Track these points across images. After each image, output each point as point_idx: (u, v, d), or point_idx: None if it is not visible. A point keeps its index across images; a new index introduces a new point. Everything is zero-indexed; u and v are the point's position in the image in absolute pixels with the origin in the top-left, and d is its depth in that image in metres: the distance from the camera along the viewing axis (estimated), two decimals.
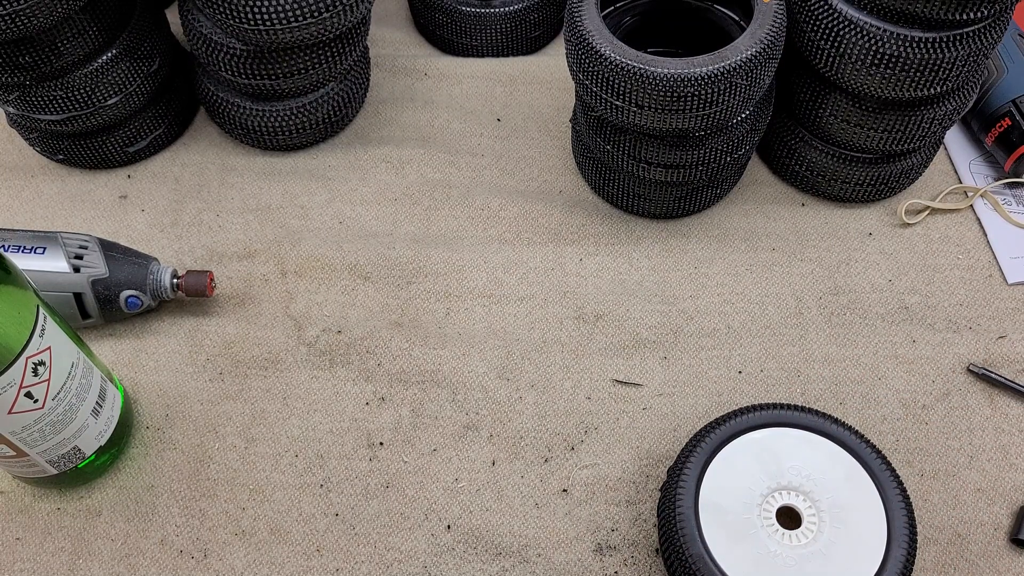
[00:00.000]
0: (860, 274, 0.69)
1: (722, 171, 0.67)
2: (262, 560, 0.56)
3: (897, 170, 0.70)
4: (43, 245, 0.61)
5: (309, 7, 0.63)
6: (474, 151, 0.77)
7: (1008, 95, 0.72)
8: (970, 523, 0.58)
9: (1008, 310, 0.67)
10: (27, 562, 0.56)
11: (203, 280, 0.64)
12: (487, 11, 0.81)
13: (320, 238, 0.71)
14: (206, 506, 0.58)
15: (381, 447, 0.61)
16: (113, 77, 0.69)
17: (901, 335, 0.65)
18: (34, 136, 0.74)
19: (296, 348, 0.65)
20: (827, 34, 0.61)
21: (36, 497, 0.59)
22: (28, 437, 0.51)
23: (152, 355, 0.65)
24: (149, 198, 0.74)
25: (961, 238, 0.71)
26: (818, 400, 0.62)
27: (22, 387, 0.48)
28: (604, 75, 0.59)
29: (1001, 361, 0.64)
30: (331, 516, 0.58)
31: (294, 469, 0.60)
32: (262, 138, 0.75)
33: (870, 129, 0.66)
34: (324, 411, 0.62)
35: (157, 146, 0.77)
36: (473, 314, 0.67)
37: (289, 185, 0.75)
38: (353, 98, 0.77)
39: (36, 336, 0.48)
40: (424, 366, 0.64)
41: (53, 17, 0.61)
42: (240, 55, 0.68)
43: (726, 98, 0.59)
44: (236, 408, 0.63)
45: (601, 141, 0.67)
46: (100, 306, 0.63)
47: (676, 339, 0.65)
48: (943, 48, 0.58)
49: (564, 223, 0.72)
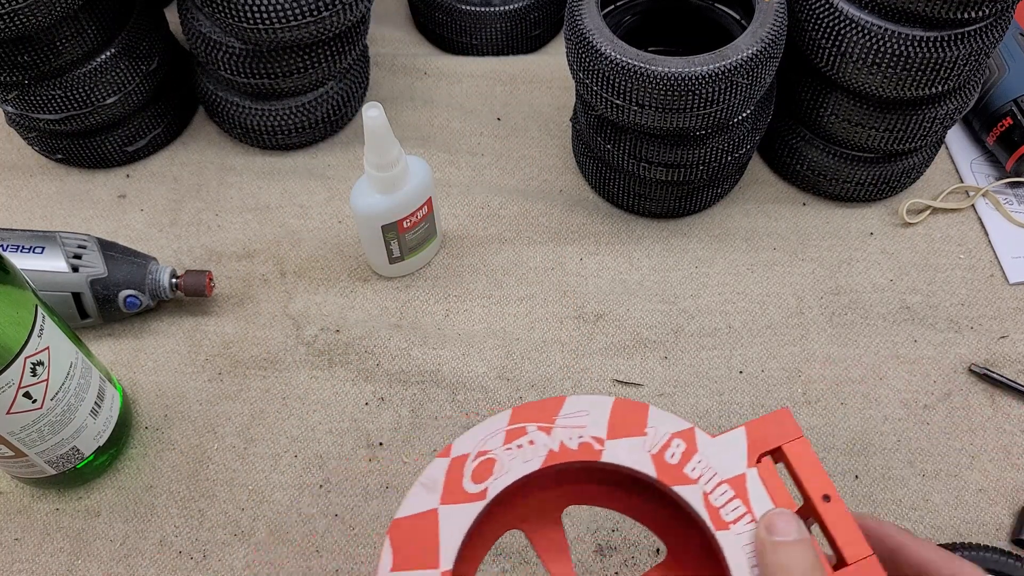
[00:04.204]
0: (861, 274, 0.69)
1: (723, 170, 0.67)
2: (261, 561, 0.56)
3: (898, 169, 0.70)
4: (42, 245, 0.61)
5: (308, 6, 0.63)
6: (474, 150, 0.77)
7: (1009, 94, 0.72)
8: (972, 523, 0.57)
9: (1010, 310, 0.66)
10: (26, 563, 0.56)
11: (202, 280, 0.64)
12: (487, 10, 0.80)
13: (319, 238, 0.71)
14: (205, 506, 0.58)
15: (381, 447, 0.61)
16: (112, 76, 0.69)
17: (902, 335, 0.65)
18: (32, 135, 0.74)
19: (295, 348, 0.65)
20: (828, 33, 0.61)
21: (35, 497, 0.59)
22: (27, 437, 0.51)
23: (151, 355, 0.65)
24: (148, 197, 0.74)
25: (963, 238, 0.70)
26: (819, 400, 0.62)
27: (20, 387, 0.48)
28: (604, 74, 0.59)
29: (1003, 361, 0.64)
30: (331, 516, 0.58)
31: (293, 469, 0.60)
32: (261, 137, 0.75)
33: (871, 128, 0.66)
34: (323, 411, 0.62)
35: (156, 145, 0.77)
36: (473, 314, 0.67)
37: (288, 184, 0.75)
38: (352, 97, 0.77)
39: (35, 336, 0.48)
40: (424, 366, 0.64)
41: (52, 16, 0.61)
42: (239, 54, 0.68)
43: (727, 97, 0.58)
44: (235, 408, 0.62)
45: (601, 140, 0.67)
46: (99, 306, 0.62)
47: (677, 339, 0.65)
48: (944, 47, 0.58)
49: (564, 222, 0.72)
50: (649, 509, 0.43)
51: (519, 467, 0.39)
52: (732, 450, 0.40)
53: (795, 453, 0.40)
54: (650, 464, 0.40)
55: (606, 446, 0.39)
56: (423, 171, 0.63)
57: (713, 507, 0.39)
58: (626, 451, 0.40)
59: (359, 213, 0.62)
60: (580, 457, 0.39)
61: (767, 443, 0.40)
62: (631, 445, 0.40)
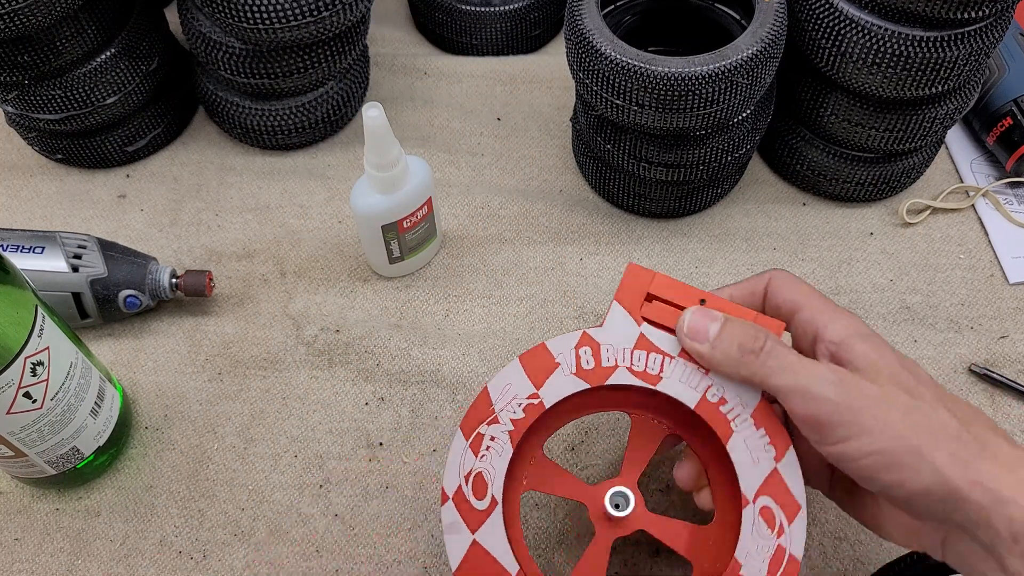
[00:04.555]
0: (861, 274, 0.69)
1: (723, 170, 0.67)
2: (261, 561, 0.56)
3: (898, 169, 0.70)
4: (42, 245, 0.61)
5: (308, 6, 0.63)
6: (474, 150, 0.77)
7: (1009, 94, 0.72)
8: None
9: (1010, 310, 0.66)
10: (26, 563, 0.56)
11: (202, 280, 0.64)
12: (487, 10, 0.80)
13: (319, 238, 0.71)
14: (205, 506, 0.58)
15: (381, 447, 0.61)
16: (112, 76, 0.69)
17: (903, 335, 0.65)
18: (32, 135, 0.74)
19: (295, 348, 0.65)
20: (828, 33, 0.61)
21: (35, 497, 0.59)
22: (27, 437, 0.51)
23: (151, 355, 0.65)
24: (148, 197, 0.74)
25: (963, 238, 0.70)
26: None
27: (20, 387, 0.48)
28: (604, 74, 0.59)
29: (1003, 361, 0.64)
30: (331, 516, 0.58)
31: (293, 469, 0.60)
32: (261, 137, 0.75)
33: (871, 128, 0.66)
34: (323, 411, 0.62)
35: (156, 145, 0.77)
36: (473, 314, 0.67)
37: (288, 184, 0.75)
38: (352, 97, 0.77)
39: (35, 336, 0.48)
40: (424, 366, 0.64)
41: (52, 16, 0.61)
42: (239, 54, 0.68)
43: (727, 97, 0.58)
44: (235, 408, 0.62)
45: (601, 140, 0.67)
46: (99, 306, 0.62)
47: None
48: (944, 47, 0.58)
49: (564, 222, 0.72)
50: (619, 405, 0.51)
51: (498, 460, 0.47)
52: (620, 325, 0.48)
53: (660, 287, 0.48)
54: (580, 382, 0.47)
55: (541, 395, 0.47)
56: (423, 171, 0.63)
57: (641, 373, 0.47)
58: (556, 388, 0.47)
59: (359, 213, 0.62)
60: (531, 418, 0.47)
61: (638, 299, 0.48)
62: (554, 381, 0.47)
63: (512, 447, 0.46)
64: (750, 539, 0.44)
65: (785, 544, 0.44)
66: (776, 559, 0.44)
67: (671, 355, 0.47)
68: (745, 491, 0.45)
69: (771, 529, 0.44)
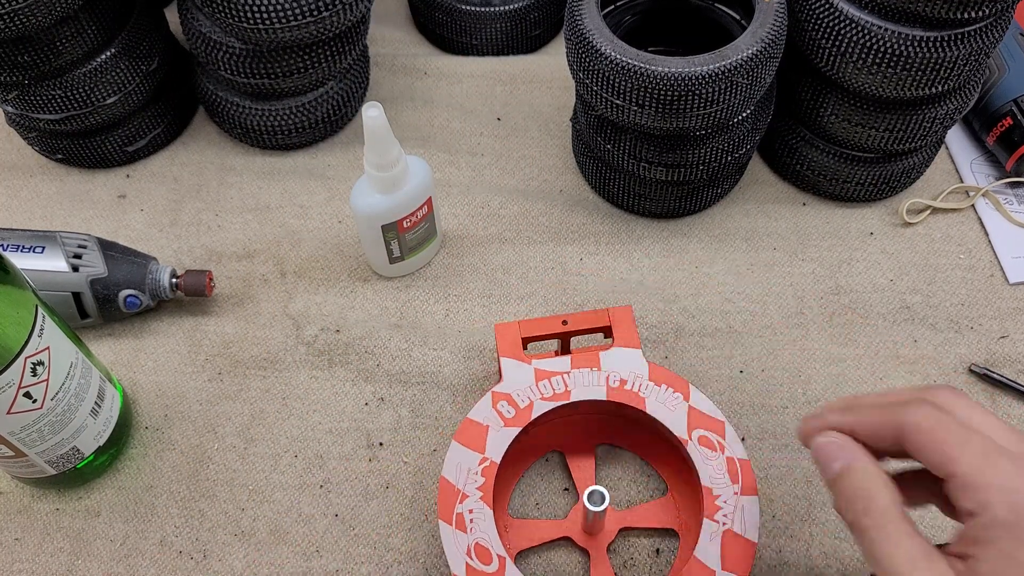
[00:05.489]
0: (861, 274, 0.69)
1: (723, 170, 0.67)
2: (262, 561, 0.56)
3: (898, 169, 0.70)
4: (42, 244, 0.61)
5: (308, 6, 0.63)
6: (474, 150, 0.77)
7: (1009, 94, 0.72)
8: None
9: (1010, 310, 0.66)
10: (26, 563, 0.56)
11: (202, 280, 0.64)
12: (487, 10, 0.80)
13: (319, 238, 0.71)
14: (205, 507, 0.58)
15: (381, 447, 0.61)
16: (112, 76, 0.69)
17: (903, 335, 0.65)
18: (33, 135, 0.74)
19: (295, 348, 0.65)
20: (828, 33, 0.61)
21: (35, 497, 0.59)
22: (27, 437, 0.51)
23: (151, 355, 0.65)
24: (148, 197, 0.74)
25: (963, 238, 0.70)
26: (819, 399, 0.62)
27: (20, 387, 0.48)
28: (604, 74, 0.59)
29: (1003, 361, 0.64)
30: (331, 517, 0.58)
31: (293, 469, 0.60)
32: (261, 137, 0.75)
33: (871, 128, 0.66)
34: (323, 411, 0.62)
35: (156, 145, 0.77)
36: (473, 314, 0.67)
37: (288, 184, 0.75)
38: (352, 97, 0.77)
39: (35, 336, 0.48)
40: (424, 366, 0.64)
41: (52, 16, 0.61)
42: (239, 54, 0.68)
43: (727, 97, 0.58)
44: (235, 408, 0.62)
45: (601, 140, 0.67)
46: (99, 306, 0.62)
47: (677, 338, 0.65)
48: (944, 47, 0.58)
49: (564, 222, 0.72)
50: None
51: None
52: (515, 373, 0.55)
53: (528, 330, 0.57)
54: (513, 430, 0.54)
55: (488, 455, 0.53)
56: (423, 171, 0.63)
57: (552, 396, 0.55)
58: (497, 443, 0.53)
59: (359, 213, 0.62)
60: (491, 478, 0.52)
61: (517, 347, 0.56)
62: (492, 439, 0.54)
63: (490, 508, 0.51)
64: (704, 465, 0.52)
65: (732, 454, 0.52)
66: (731, 469, 0.52)
67: (566, 371, 0.55)
68: (679, 435, 0.53)
69: (713, 450, 0.52)
